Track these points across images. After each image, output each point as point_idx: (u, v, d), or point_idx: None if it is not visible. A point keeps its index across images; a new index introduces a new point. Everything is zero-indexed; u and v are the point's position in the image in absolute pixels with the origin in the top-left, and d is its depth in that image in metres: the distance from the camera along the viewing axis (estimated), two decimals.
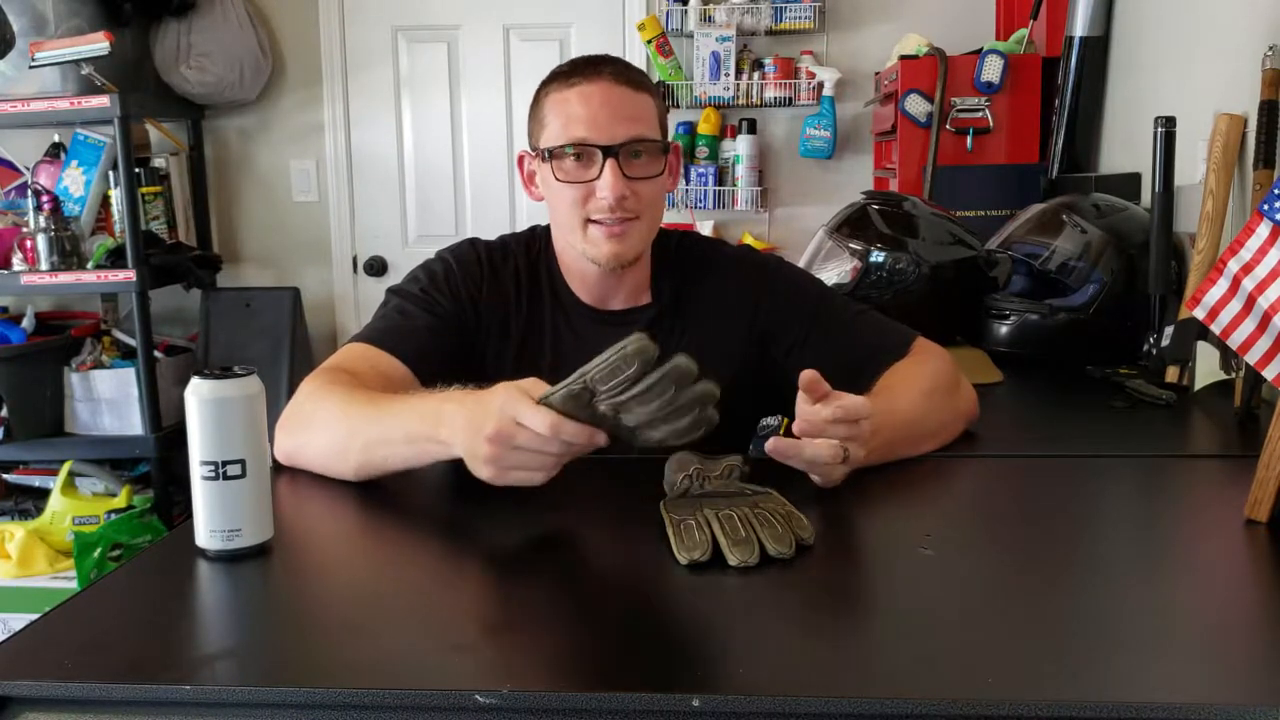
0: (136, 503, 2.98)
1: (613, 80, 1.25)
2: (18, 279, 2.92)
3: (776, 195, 3.38)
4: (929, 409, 1.22)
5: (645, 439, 0.93)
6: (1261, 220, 1.03)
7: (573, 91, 1.25)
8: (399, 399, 1.10)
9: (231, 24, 3.21)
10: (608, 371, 0.89)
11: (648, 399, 0.89)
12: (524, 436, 0.93)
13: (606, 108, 1.23)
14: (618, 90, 1.24)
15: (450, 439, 1.00)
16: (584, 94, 1.24)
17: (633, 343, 0.88)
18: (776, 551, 0.87)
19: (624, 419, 0.91)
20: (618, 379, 0.89)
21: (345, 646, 0.76)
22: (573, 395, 0.91)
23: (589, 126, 1.23)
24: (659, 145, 1.27)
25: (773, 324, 1.35)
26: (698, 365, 0.89)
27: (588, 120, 1.23)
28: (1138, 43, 2.29)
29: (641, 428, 0.92)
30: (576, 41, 3.37)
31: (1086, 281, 1.78)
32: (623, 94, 1.25)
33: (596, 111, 1.23)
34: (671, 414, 0.90)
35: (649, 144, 1.25)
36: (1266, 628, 0.79)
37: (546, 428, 0.91)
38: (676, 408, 0.90)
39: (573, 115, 1.24)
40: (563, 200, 1.26)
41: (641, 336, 0.89)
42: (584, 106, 1.23)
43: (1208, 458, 1.30)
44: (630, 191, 1.24)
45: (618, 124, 1.23)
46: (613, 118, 1.23)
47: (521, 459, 0.94)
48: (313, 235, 3.51)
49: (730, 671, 0.70)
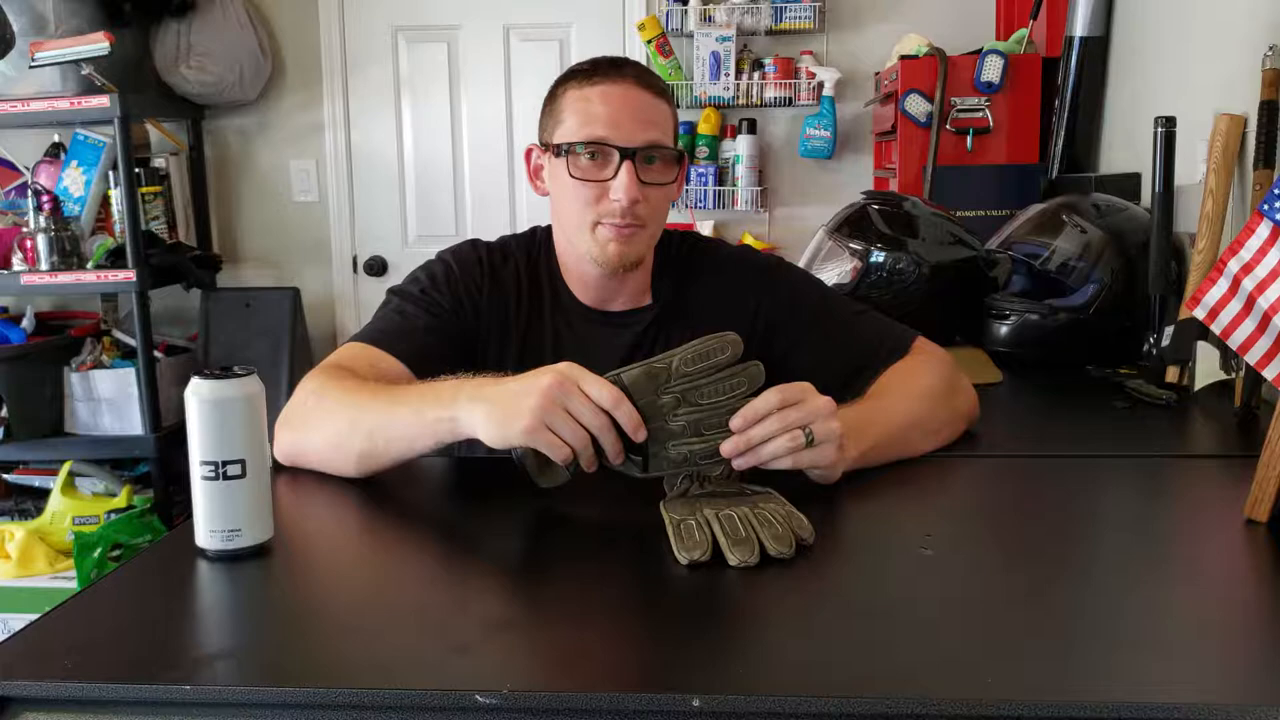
0: (136, 503, 2.98)
1: (635, 83, 1.25)
2: (18, 279, 2.92)
3: (776, 195, 3.38)
4: (928, 409, 1.22)
5: (674, 454, 0.97)
6: (1261, 220, 1.03)
7: (594, 90, 1.24)
8: (404, 386, 1.12)
9: (231, 24, 3.21)
10: (702, 352, 0.96)
11: (718, 390, 0.96)
12: (580, 400, 0.95)
13: (627, 110, 1.23)
14: (639, 94, 1.24)
15: (466, 411, 1.00)
16: (605, 94, 1.24)
17: (730, 334, 0.97)
18: (777, 551, 0.87)
19: (679, 415, 0.96)
20: (707, 361, 0.96)
21: (345, 646, 0.76)
22: (651, 374, 0.96)
23: (609, 126, 1.22)
24: (674, 154, 1.27)
25: (773, 324, 1.34)
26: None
27: (608, 120, 1.22)
28: (1138, 43, 2.29)
29: (681, 436, 0.97)
30: (576, 41, 3.37)
31: (1086, 281, 1.78)
32: (644, 98, 1.24)
33: (617, 112, 1.23)
34: (724, 420, 0.96)
35: (665, 151, 1.25)
36: (1266, 628, 0.79)
37: (609, 399, 0.95)
38: (734, 410, 0.96)
39: (593, 114, 1.23)
40: (573, 199, 1.26)
41: (734, 334, 0.97)
42: (605, 106, 1.23)
43: (1208, 458, 1.30)
44: (643, 196, 1.23)
45: (637, 127, 1.23)
46: (633, 121, 1.23)
47: (564, 423, 0.95)
48: (313, 235, 3.51)
49: (730, 671, 0.70)
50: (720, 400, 0.96)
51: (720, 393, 0.96)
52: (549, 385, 0.95)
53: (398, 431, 1.07)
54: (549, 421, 0.95)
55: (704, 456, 0.97)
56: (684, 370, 0.96)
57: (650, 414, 0.96)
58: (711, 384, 0.96)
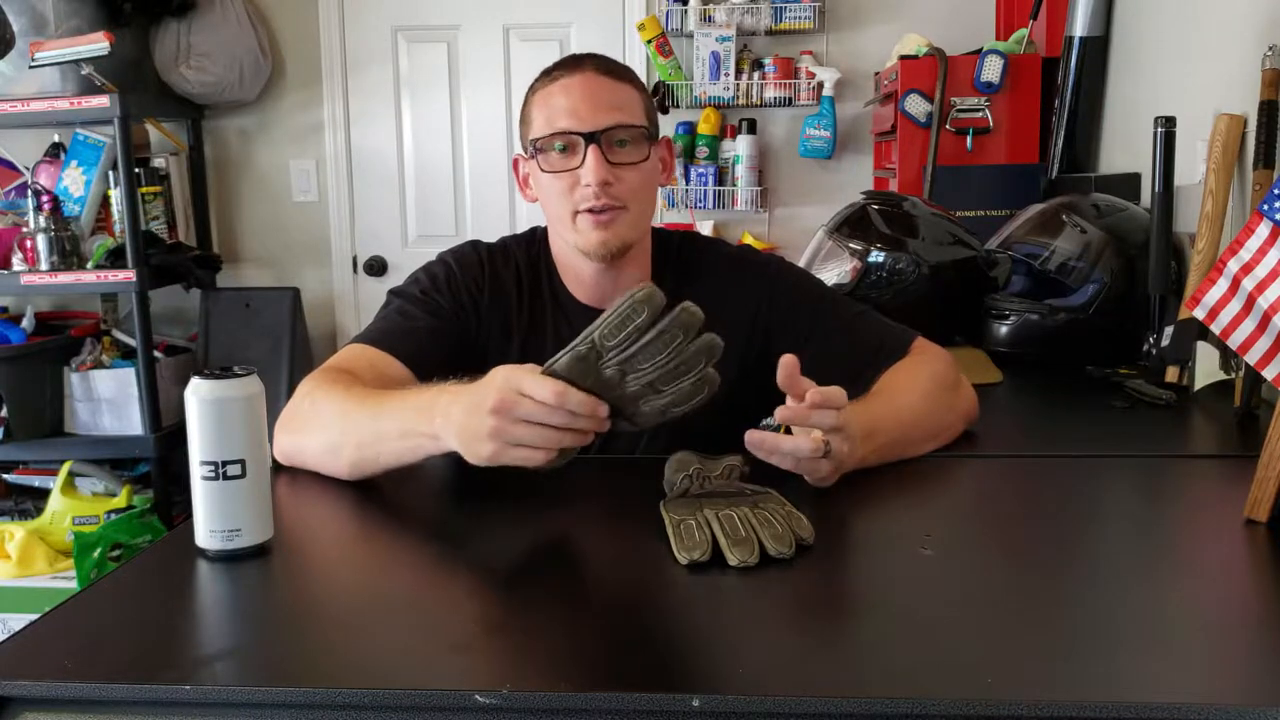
0: (136, 503, 2.98)
1: (594, 71, 1.26)
2: (18, 279, 2.92)
3: (776, 195, 3.38)
4: (928, 409, 1.22)
5: (650, 409, 0.93)
6: (1261, 220, 1.03)
7: (555, 85, 1.26)
8: (392, 395, 1.10)
9: (231, 24, 3.21)
10: (618, 322, 0.90)
11: (655, 349, 0.90)
12: (527, 407, 0.92)
13: (588, 98, 1.24)
14: (598, 80, 1.26)
15: (443, 430, 0.99)
16: (565, 86, 1.25)
17: (640, 290, 0.89)
18: (777, 551, 0.87)
19: (629, 382, 0.91)
20: (627, 330, 0.89)
21: (345, 646, 0.76)
22: (579, 358, 0.91)
23: (570, 116, 1.23)
24: (643, 131, 1.26)
25: (773, 324, 1.34)
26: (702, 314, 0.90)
27: (569, 110, 1.24)
28: (1138, 43, 2.29)
29: (646, 395, 0.92)
30: (576, 41, 3.37)
31: (1086, 281, 1.78)
32: (603, 83, 1.26)
33: (578, 102, 1.24)
34: (677, 369, 0.90)
35: (632, 130, 1.25)
36: (1266, 628, 0.79)
37: (551, 395, 0.91)
38: (683, 360, 0.90)
39: (555, 107, 1.24)
40: (552, 193, 1.27)
41: (648, 284, 0.90)
42: (565, 98, 1.24)
43: (1208, 458, 1.30)
44: (615, 178, 1.24)
45: (599, 111, 1.23)
46: (594, 106, 1.24)
47: (524, 433, 0.93)
48: (313, 235, 3.51)
49: (730, 671, 0.70)
50: (660, 360, 0.91)
51: (658, 352, 0.90)
52: (494, 405, 0.93)
53: (387, 446, 1.07)
54: (509, 439, 0.93)
55: (679, 404, 0.92)
56: (608, 343, 0.91)
57: (602, 390, 0.92)
58: (644, 348, 0.91)
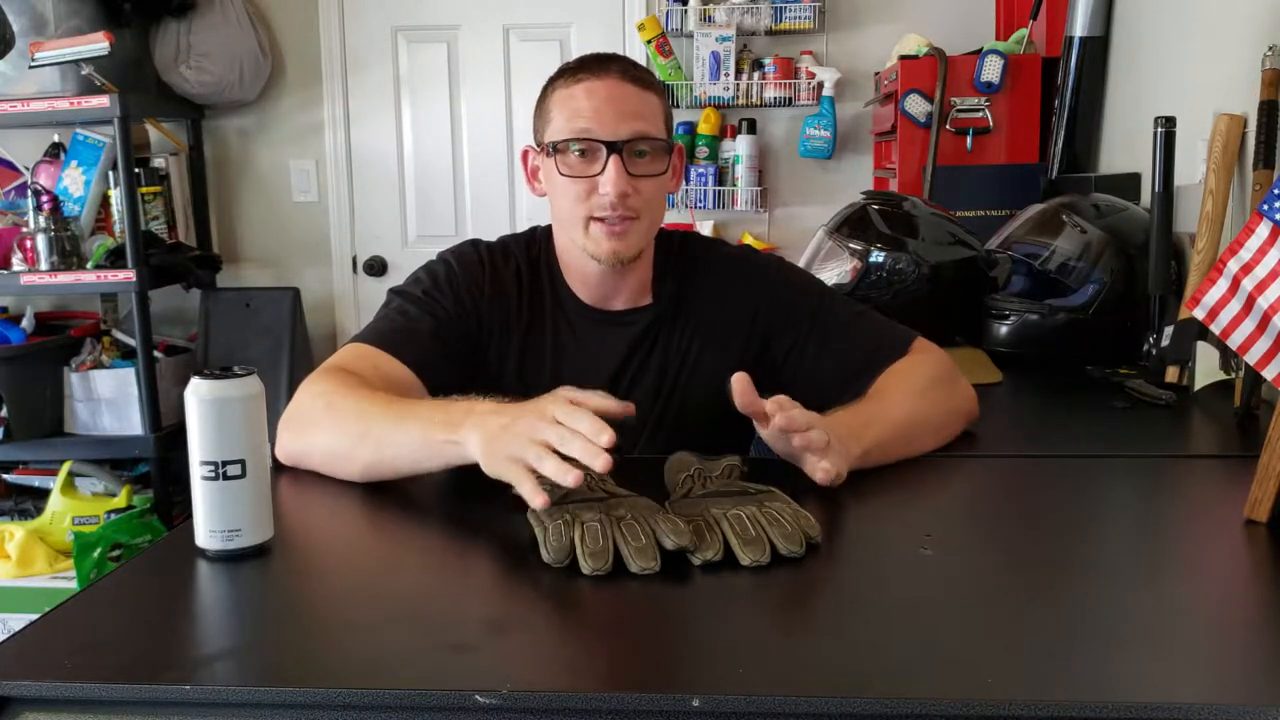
0: (136, 503, 2.98)
1: (620, 77, 1.24)
2: (17, 279, 2.92)
3: (776, 195, 3.37)
4: (927, 409, 1.22)
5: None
6: (1261, 220, 1.03)
7: (579, 87, 1.24)
8: (417, 402, 1.11)
9: (231, 24, 3.21)
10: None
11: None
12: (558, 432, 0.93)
13: (612, 103, 1.23)
14: (624, 87, 1.24)
15: (468, 436, 1.00)
16: (590, 89, 1.24)
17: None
18: (788, 550, 0.87)
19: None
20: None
21: (345, 646, 0.76)
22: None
23: (593, 121, 1.22)
24: (663, 144, 1.26)
25: (773, 324, 1.34)
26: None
27: (592, 115, 1.22)
28: (1138, 43, 2.28)
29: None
30: (576, 41, 3.37)
31: (1086, 281, 1.78)
32: (629, 91, 1.24)
33: (601, 106, 1.22)
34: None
35: (653, 142, 1.24)
36: (1266, 628, 0.79)
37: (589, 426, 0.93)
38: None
39: (578, 110, 1.23)
40: (565, 196, 1.26)
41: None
42: (589, 101, 1.23)
43: (1208, 458, 1.30)
44: (633, 189, 1.23)
45: (622, 120, 1.22)
46: (618, 114, 1.22)
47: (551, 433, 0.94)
48: (312, 235, 3.51)
49: (730, 671, 0.70)
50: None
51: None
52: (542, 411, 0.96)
53: (406, 450, 1.07)
54: (536, 437, 0.94)
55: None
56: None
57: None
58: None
